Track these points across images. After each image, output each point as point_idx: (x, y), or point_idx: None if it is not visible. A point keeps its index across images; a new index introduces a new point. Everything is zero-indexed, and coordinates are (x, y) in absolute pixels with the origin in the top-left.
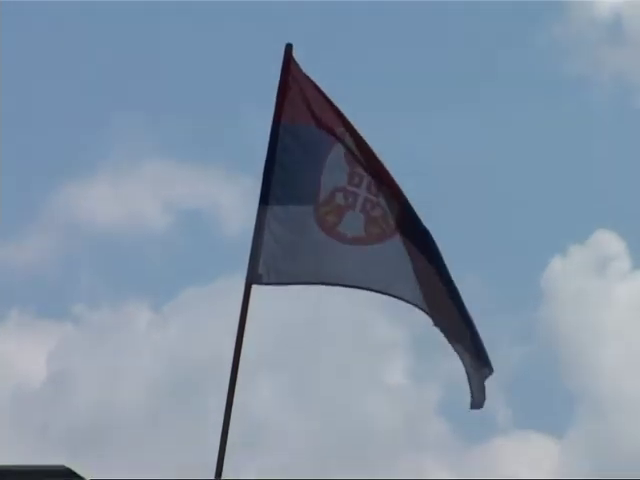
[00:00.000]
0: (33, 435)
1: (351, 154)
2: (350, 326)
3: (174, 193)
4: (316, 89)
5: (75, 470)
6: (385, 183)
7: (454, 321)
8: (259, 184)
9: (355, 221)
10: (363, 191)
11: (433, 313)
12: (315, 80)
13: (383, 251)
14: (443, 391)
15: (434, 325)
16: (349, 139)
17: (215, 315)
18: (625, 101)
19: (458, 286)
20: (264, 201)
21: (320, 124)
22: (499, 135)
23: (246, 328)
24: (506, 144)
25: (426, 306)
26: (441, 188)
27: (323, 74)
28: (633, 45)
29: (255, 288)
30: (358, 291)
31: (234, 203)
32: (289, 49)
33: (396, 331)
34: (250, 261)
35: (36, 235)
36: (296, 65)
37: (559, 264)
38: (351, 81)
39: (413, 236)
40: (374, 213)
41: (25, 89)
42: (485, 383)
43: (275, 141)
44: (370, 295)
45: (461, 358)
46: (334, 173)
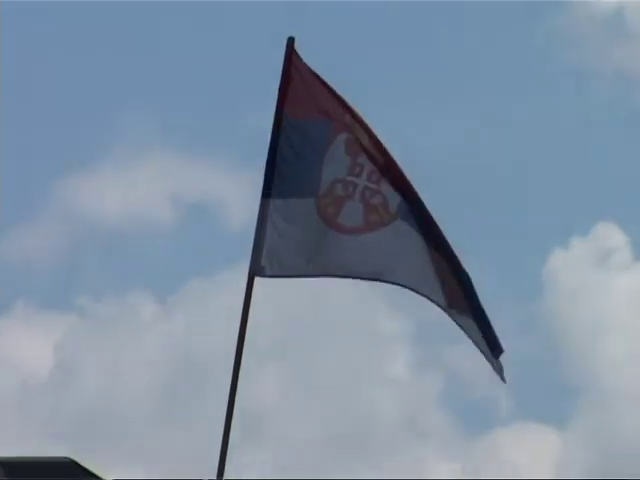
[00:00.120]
0: (38, 426)
1: (354, 144)
2: (352, 318)
3: (179, 186)
4: (320, 81)
5: (79, 462)
6: (392, 171)
7: (460, 300)
8: (263, 177)
9: (354, 211)
10: (363, 180)
11: (437, 295)
12: (319, 72)
13: (381, 238)
14: (445, 383)
15: (439, 306)
16: (357, 127)
17: (219, 307)
18: (626, 94)
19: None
20: (266, 194)
21: (322, 117)
22: (500, 128)
23: (249, 320)
24: (508, 137)
25: (430, 289)
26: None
27: (326, 70)
28: (635, 39)
29: (258, 280)
30: (360, 282)
31: (238, 196)
32: (291, 42)
33: (398, 323)
34: (253, 253)
35: (42, 227)
36: (299, 58)
37: (561, 256)
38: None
39: (416, 221)
40: (373, 201)
41: (31, 82)
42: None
43: (277, 135)
44: (372, 287)
45: (469, 335)
46: (334, 165)
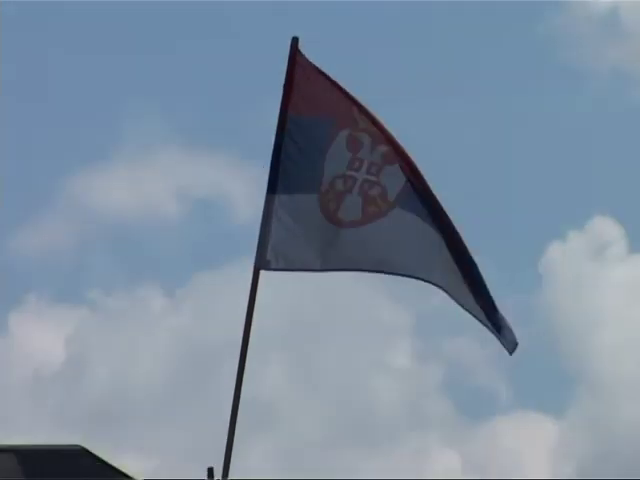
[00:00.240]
0: (50, 415)
1: (356, 139)
2: (355, 310)
3: (185, 182)
4: (324, 77)
5: (90, 449)
6: (401, 158)
7: (462, 282)
8: (267, 174)
9: (353, 204)
10: (362, 174)
11: (439, 278)
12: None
13: (380, 228)
14: (446, 372)
15: (443, 289)
16: (363, 119)
17: (225, 299)
18: (622, 92)
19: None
20: (271, 190)
21: (325, 114)
22: (498, 124)
23: (255, 312)
24: (505, 133)
25: (431, 274)
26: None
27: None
28: (630, 38)
29: (264, 273)
30: (362, 275)
31: (244, 191)
32: (295, 42)
33: (399, 315)
34: (258, 247)
35: (53, 222)
36: (303, 57)
37: (558, 249)
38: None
39: (419, 206)
40: (372, 192)
41: (43, 78)
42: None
43: (282, 132)
44: (374, 279)
45: (475, 316)
46: (336, 161)
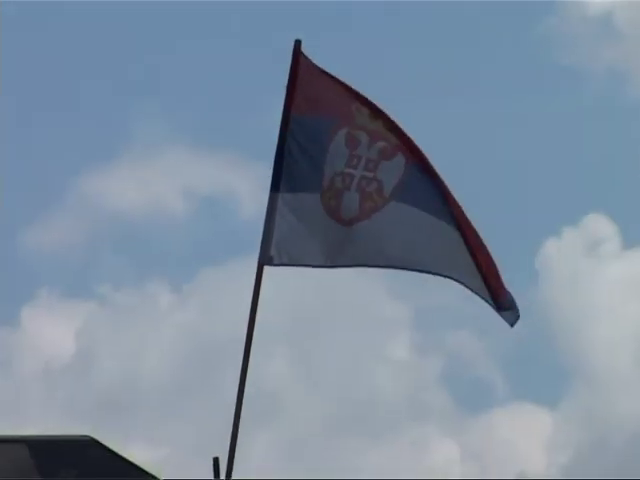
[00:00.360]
0: (61, 407)
1: (354, 136)
2: (356, 304)
3: (192, 179)
4: (327, 76)
5: (99, 440)
6: (408, 148)
7: (470, 263)
8: (271, 172)
9: (351, 202)
10: (360, 171)
11: (442, 265)
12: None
13: (376, 223)
14: (444, 364)
15: (447, 277)
16: (364, 113)
17: (230, 294)
18: (617, 92)
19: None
20: (275, 188)
21: (327, 114)
22: (495, 123)
23: (259, 306)
24: (502, 132)
25: (431, 264)
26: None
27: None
28: (624, 39)
29: (268, 269)
30: (363, 270)
31: (249, 189)
32: (298, 44)
33: (398, 308)
34: (262, 244)
35: (64, 219)
36: (305, 59)
37: (554, 246)
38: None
39: (417, 197)
40: (369, 189)
41: (52, 80)
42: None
43: (284, 132)
44: (374, 274)
45: (481, 297)
46: (335, 160)
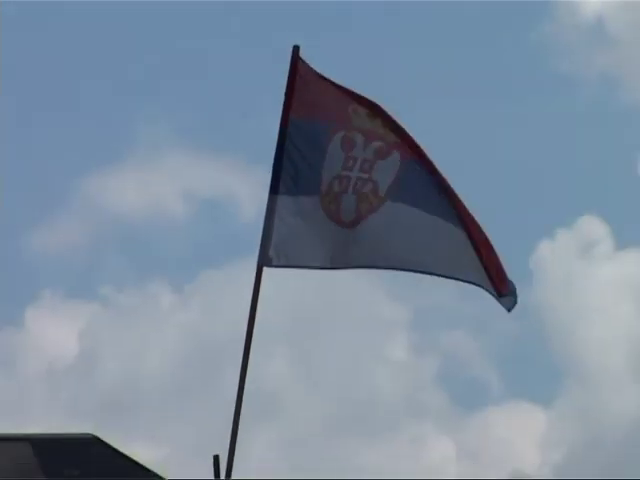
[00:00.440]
0: (64, 406)
1: (349, 139)
2: (355, 305)
3: (194, 183)
4: (324, 80)
5: (102, 438)
6: (407, 143)
7: (467, 259)
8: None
9: (349, 204)
10: (355, 172)
11: (441, 266)
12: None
13: (372, 224)
14: (441, 364)
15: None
16: (359, 114)
17: (231, 295)
18: (611, 97)
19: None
20: (274, 191)
21: (325, 118)
22: (490, 126)
23: (259, 307)
24: (498, 135)
25: (431, 264)
26: None
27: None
28: (617, 45)
29: (267, 271)
30: (362, 271)
31: (249, 192)
32: (296, 50)
33: (396, 310)
34: (261, 245)
35: (67, 222)
36: (304, 64)
37: (547, 247)
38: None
39: (414, 195)
40: (365, 190)
41: (58, 85)
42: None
43: (283, 136)
44: (372, 276)
45: (481, 286)
46: (332, 163)
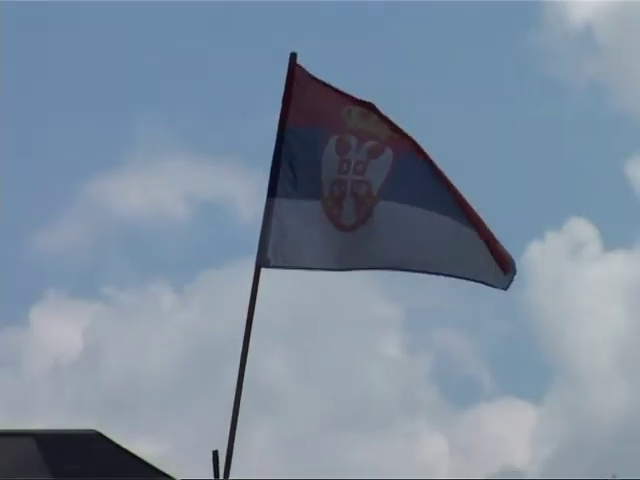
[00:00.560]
0: (68, 402)
1: (344, 142)
2: (350, 305)
3: (194, 185)
4: (320, 84)
5: (105, 434)
6: (396, 133)
7: (469, 247)
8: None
9: (349, 208)
10: (350, 175)
11: (440, 263)
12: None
13: (371, 227)
14: (434, 362)
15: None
16: (353, 115)
17: (230, 295)
18: (599, 104)
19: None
20: (271, 194)
21: (321, 124)
22: (481, 130)
23: (257, 307)
24: (488, 139)
25: (429, 263)
26: None
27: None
28: (605, 53)
29: (266, 271)
30: (357, 272)
31: (248, 195)
32: (293, 58)
33: (391, 309)
34: (259, 247)
35: (71, 223)
36: (301, 70)
37: (537, 248)
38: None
39: (406, 191)
40: (360, 192)
41: (62, 89)
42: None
43: (280, 143)
44: (367, 277)
45: (482, 282)
46: (330, 167)
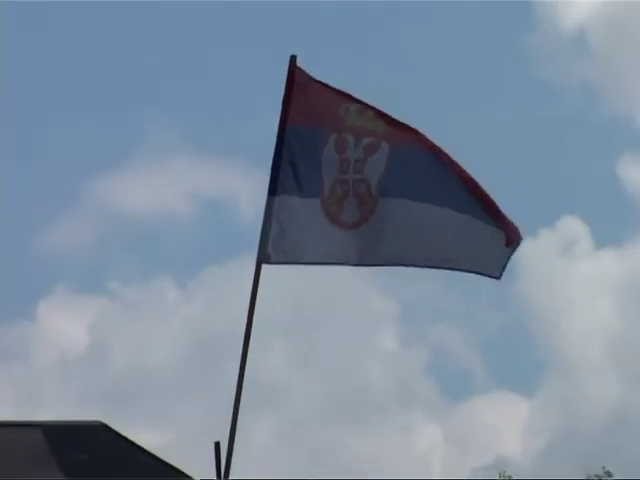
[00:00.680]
0: (74, 394)
1: (342, 141)
2: (349, 300)
3: (196, 184)
4: (319, 85)
5: (110, 425)
6: (394, 126)
7: (486, 222)
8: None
9: (352, 208)
10: (351, 174)
11: (441, 256)
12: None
13: (373, 225)
14: (429, 355)
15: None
16: (351, 113)
17: (232, 290)
18: (590, 106)
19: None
20: (272, 192)
21: (320, 124)
22: (476, 131)
23: (259, 302)
24: (483, 139)
25: (431, 257)
26: None
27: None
28: (597, 57)
29: (267, 267)
30: (355, 268)
31: (250, 193)
32: (293, 60)
33: (387, 304)
34: (260, 244)
35: (78, 220)
36: (301, 72)
37: (530, 245)
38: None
39: (403, 185)
40: (361, 190)
41: (64, 89)
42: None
43: (281, 141)
44: (366, 272)
45: (480, 273)
46: (330, 167)
